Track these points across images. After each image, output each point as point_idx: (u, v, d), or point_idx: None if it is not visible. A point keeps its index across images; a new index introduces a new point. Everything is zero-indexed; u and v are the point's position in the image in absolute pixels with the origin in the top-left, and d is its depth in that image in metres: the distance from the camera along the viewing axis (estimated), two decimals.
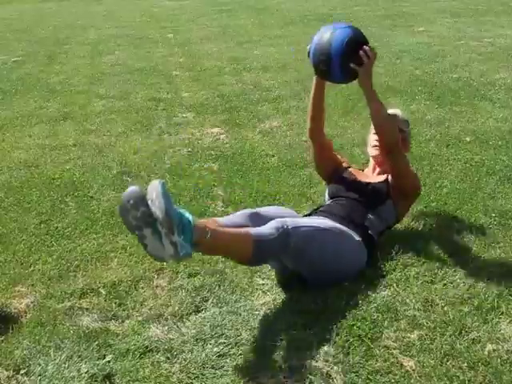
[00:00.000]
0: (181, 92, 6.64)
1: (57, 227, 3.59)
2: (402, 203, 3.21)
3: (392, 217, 3.17)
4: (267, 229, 2.61)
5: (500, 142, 4.60)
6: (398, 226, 3.31)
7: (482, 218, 3.39)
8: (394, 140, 3.04)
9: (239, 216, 2.78)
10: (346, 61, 2.88)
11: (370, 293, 2.74)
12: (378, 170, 3.32)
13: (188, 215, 2.37)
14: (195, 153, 4.75)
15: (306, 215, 3.19)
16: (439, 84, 6.33)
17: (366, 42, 2.95)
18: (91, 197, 3.99)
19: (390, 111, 3.18)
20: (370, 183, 3.23)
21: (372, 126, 3.20)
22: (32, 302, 2.84)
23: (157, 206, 2.27)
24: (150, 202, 2.29)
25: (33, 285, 2.99)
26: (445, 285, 2.80)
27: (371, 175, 3.33)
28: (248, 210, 2.84)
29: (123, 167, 4.49)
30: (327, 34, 2.93)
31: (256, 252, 2.52)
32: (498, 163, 4.18)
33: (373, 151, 3.32)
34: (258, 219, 2.75)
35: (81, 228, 3.56)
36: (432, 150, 4.50)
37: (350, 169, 3.41)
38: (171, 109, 6.01)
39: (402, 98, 5.85)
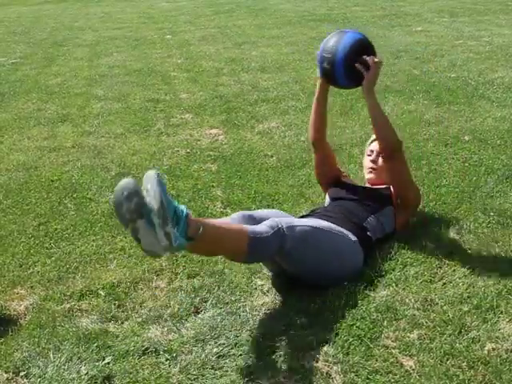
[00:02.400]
0: (179, 93, 6.64)
1: (56, 229, 3.59)
2: (402, 214, 3.22)
3: (390, 225, 3.17)
4: (262, 227, 2.60)
5: (498, 141, 4.60)
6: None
7: (480, 217, 3.39)
8: (395, 140, 3.11)
9: (234, 219, 2.76)
10: (351, 58, 2.98)
11: (369, 292, 2.74)
12: None
13: (183, 208, 2.34)
14: (194, 154, 4.75)
15: (302, 216, 3.20)
16: (437, 83, 6.34)
17: (374, 51, 3.08)
18: (90, 198, 3.99)
19: None
20: (371, 188, 3.31)
21: (367, 148, 3.40)
22: (31, 304, 2.84)
23: (152, 196, 2.23)
24: (145, 193, 2.24)
25: (32, 287, 2.99)
26: (444, 284, 2.80)
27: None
28: (242, 213, 2.82)
29: (122, 169, 4.49)
30: (337, 35, 3.08)
31: (251, 249, 2.50)
32: (496, 162, 4.18)
33: (368, 175, 3.38)
34: (253, 222, 2.74)
35: (80, 230, 3.56)
36: (430, 150, 4.50)
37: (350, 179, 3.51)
38: (169, 110, 6.01)
39: (400, 98, 5.85)
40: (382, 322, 2.54)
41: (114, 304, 2.80)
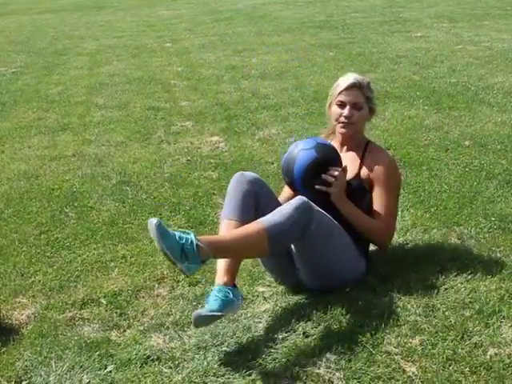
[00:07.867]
0: (179, 101, 6.65)
1: (57, 238, 3.59)
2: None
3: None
4: (285, 212, 2.59)
5: (499, 146, 4.61)
6: (398, 230, 3.30)
7: (481, 222, 3.39)
8: (383, 230, 2.94)
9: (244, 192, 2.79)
10: (309, 182, 2.83)
11: (370, 298, 2.74)
12: (345, 147, 3.07)
13: (190, 239, 2.37)
14: (194, 161, 4.75)
15: None
16: (437, 89, 6.34)
17: (334, 161, 2.87)
18: (91, 207, 3.99)
19: (349, 76, 3.00)
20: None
21: (335, 98, 3.01)
22: (33, 313, 2.84)
23: (157, 244, 2.33)
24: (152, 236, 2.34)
25: (33, 296, 2.99)
26: (446, 289, 2.79)
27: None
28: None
29: (122, 177, 4.49)
30: (294, 153, 2.88)
31: (273, 246, 2.55)
32: (497, 167, 4.18)
33: (341, 129, 3.01)
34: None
35: (81, 238, 3.56)
36: (431, 155, 4.51)
37: None
38: (170, 118, 6.02)
39: (400, 104, 5.85)
40: (383, 328, 2.54)
41: (116, 312, 2.80)
